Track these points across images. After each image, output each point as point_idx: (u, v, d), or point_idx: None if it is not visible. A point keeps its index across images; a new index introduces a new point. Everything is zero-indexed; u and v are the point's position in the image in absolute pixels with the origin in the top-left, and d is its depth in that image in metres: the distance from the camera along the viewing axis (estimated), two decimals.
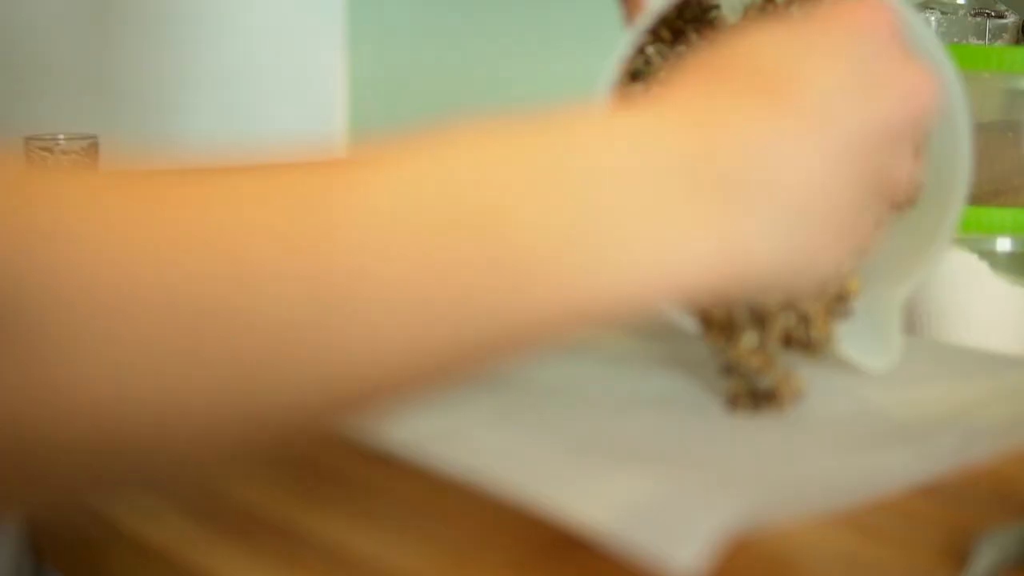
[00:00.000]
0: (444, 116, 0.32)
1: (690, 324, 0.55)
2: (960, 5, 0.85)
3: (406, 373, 0.30)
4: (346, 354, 0.28)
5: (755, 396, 0.52)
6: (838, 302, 0.54)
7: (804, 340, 0.53)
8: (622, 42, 0.53)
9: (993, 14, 0.84)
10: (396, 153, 0.31)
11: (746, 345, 0.52)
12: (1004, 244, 0.74)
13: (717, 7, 0.59)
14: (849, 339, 0.54)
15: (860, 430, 0.51)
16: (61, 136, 0.75)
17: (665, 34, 0.58)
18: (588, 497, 0.37)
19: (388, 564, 0.41)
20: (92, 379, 0.25)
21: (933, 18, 0.83)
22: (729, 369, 0.53)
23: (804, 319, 0.53)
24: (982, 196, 0.73)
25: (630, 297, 0.32)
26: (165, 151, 0.29)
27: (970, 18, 0.84)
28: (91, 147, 0.75)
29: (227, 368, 0.27)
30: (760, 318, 0.53)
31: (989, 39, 0.84)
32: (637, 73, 0.57)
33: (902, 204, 0.58)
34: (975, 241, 0.72)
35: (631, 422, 0.52)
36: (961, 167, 0.53)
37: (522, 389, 0.54)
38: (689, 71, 0.37)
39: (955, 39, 0.85)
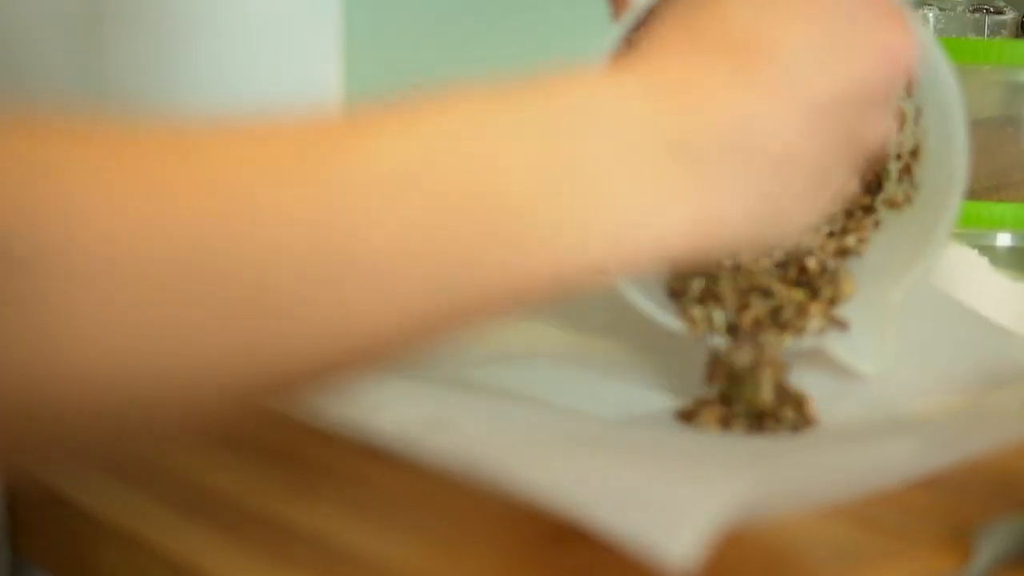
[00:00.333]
0: (434, 82, 0.32)
1: (679, 325, 0.54)
2: (958, 1, 0.84)
3: (398, 331, 0.30)
4: (341, 312, 0.29)
5: (752, 416, 0.51)
6: (831, 305, 0.54)
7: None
8: (609, 37, 0.52)
9: (992, 10, 0.83)
10: (387, 117, 0.31)
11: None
12: (1004, 239, 0.73)
13: None
14: (842, 340, 0.53)
15: (860, 421, 0.51)
16: None
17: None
18: (581, 485, 0.36)
19: (378, 556, 0.40)
20: (95, 330, 0.26)
21: (931, 14, 0.83)
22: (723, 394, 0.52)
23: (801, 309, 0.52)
24: (982, 191, 0.73)
25: (610, 259, 0.33)
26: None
27: (968, 14, 0.83)
28: None
29: (227, 322, 0.27)
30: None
31: (988, 35, 0.84)
32: None
33: (899, 202, 0.58)
34: (975, 236, 0.72)
35: (626, 422, 0.52)
36: (957, 165, 0.52)
37: (513, 397, 0.53)
38: (664, 35, 0.37)
39: (953, 35, 0.85)
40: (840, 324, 0.52)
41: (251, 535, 0.42)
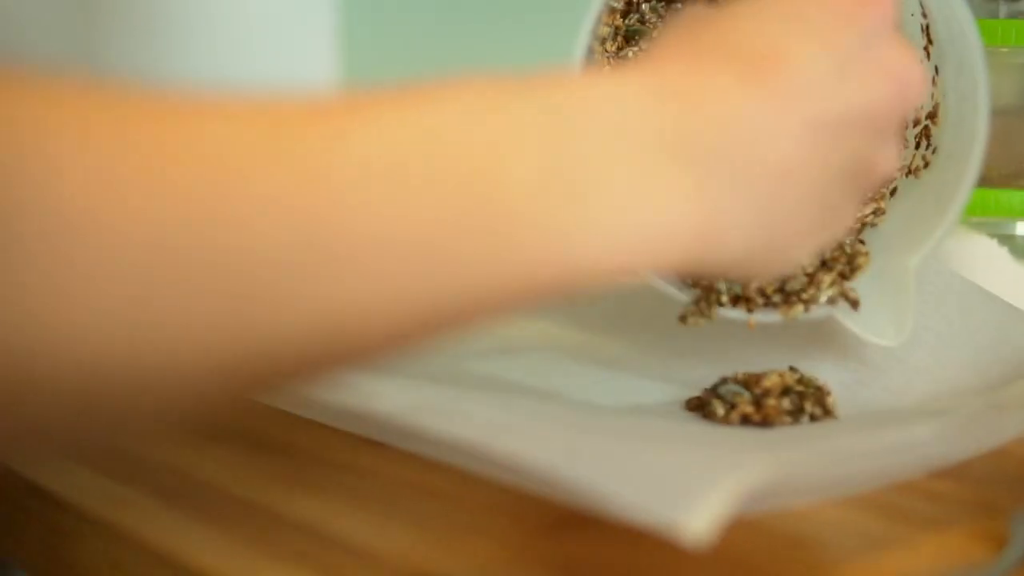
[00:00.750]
0: (431, 73, 0.31)
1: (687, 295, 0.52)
2: None
3: (390, 325, 0.29)
4: (329, 303, 0.28)
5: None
6: (843, 276, 0.51)
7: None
8: (592, 7, 0.50)
9: None
10: (382, 106, 0.30)
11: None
12: (1023, 228, 0.72)
13: None
14: (857, 313, 0.51)
15: (882, 411, 0.49)
16: None
17: None
18: (592, 464, 0.34)
19: (370, 546, 0.38)
20: (76, 308, 0.25)
21: None
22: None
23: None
24: (1000, 179, 0.71)
25: (604, 262, 0.32)
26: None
27: (983, 2, 0.82)
28: None
29: (211, 307, 0.26)
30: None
31: None
32: (632, 34, 0.54)
33: (917, 168, 0.56)
34: (993, 225, 0.70)
35: (633, 412, 0.50)
36: (979, 128, 0.50)
37: (517, 387, 0.51)
38: (673, 41, 0.37)
39: None
40: (852, 300, 0.50)
41: (239, 524, 0.40)
